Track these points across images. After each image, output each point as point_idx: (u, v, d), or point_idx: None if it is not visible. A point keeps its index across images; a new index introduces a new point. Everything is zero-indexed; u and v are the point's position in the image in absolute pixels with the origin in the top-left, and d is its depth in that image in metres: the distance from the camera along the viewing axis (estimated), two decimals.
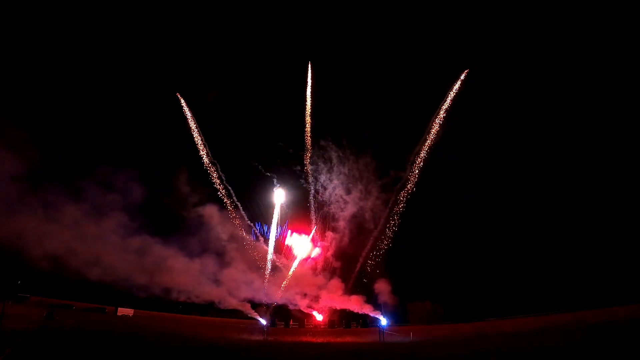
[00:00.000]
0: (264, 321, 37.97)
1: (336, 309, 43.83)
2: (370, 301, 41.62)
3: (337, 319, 45.94)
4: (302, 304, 42.91)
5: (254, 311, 39.18)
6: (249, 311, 38.96)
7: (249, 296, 39.56)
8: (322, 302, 43.26)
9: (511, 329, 35.16)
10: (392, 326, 37.92)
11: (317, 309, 44.71)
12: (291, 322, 45.75)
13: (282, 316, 45.41)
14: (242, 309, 38.74)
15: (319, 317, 45.73)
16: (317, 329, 44.08)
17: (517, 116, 44.28)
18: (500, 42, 43.17)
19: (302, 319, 45.65)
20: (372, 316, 40.98)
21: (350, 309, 42.38)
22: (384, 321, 37.94)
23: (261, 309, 40.81)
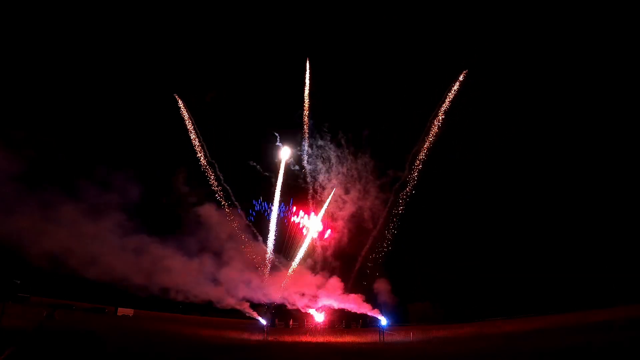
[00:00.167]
0: (264, 321, 37.94)
1: (336, 309, 43.77)
2: (369, 301, 41.59)
3: (337, 319, 45.92)
4: (301, 303, 42.88)
5: (254, 311, 39.17)
6: (249, 311, 38.95)
7: (248, 296, 39.56)
8: (320, 301, 43.19)
9: (511, 329, 35.11)
10: (392, 326, 37.88)
11: (316, 308, 44.65)
12: (291, 322, 45.73)
13: (282, 316, 45.42)
14: (242, 308, 38.72)
15: (319, 317, 45.70)
16: (317, 329, 44.07)
17: (517, 116, 44.38)
18: (499, 42, 43.32)
19: (302, 319, 45.64)
20: (372, 316, 40.93)
21: (349, 309, 42.33)
22: (384, 321, 37.90)
23: (261, 308, 40.83)
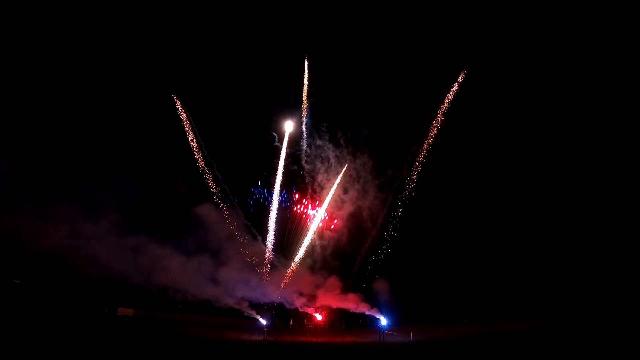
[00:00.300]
0: (264, 321, 37.92)
1: (336, 309, 43.73)
2: (369, 301, 41.58)
3: (337, 319, 45.86)
4: (299, 303, 42.88)
5: (254, 311, 39.17)
6: (249, 311, 38.96)
7: (247, 295, 39.59)
8: (319, 301, 43.19)
9: (511, 329, 35.14)
10: (392, 326, 37.88)
11: (316, 308, 44.59)
12: (291, 322, 45.67)
13: (282, 316, 45.36)
14: (242, 308, 38.73)
15: (319, 317, 45.67)
16: (317, 329, 44.05)
17: (517, 116, 44.28)
18: (499, 42, 43.21)
19: (302, 319, 45.60)
20: (372, 316, 40.91)
21: (348, 309, 42.32)
22: (384, 321, 37.92)
23: (261, 308, 40.81)
